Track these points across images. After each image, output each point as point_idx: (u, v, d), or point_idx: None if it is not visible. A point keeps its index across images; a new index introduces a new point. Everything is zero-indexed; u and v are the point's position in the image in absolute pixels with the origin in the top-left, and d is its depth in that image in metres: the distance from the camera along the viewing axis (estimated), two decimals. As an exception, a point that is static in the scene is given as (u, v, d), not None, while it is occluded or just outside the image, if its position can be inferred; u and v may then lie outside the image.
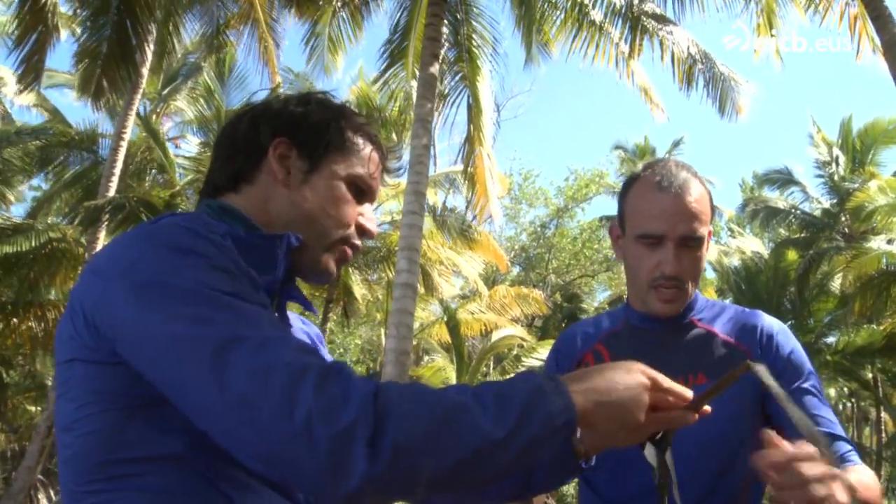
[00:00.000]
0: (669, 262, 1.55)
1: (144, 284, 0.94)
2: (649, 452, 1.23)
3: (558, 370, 1.75)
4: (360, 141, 1.27)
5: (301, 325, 1.37)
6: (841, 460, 1.49)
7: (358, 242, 1.27)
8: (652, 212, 1.57)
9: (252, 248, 1.12)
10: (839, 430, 1.52)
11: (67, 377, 1.00)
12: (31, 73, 9.85)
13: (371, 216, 1.30)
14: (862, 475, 1.42)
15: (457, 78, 10.88)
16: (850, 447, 1.51)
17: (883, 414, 24.04)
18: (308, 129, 1.24)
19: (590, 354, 1.72)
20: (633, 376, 1.04)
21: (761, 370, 1.08)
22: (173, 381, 0.91)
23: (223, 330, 0.89)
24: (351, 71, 18.28)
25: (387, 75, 11.24)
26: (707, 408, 1.13)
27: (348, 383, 0.86)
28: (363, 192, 1.27)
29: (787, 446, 1.00)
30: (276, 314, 1.19)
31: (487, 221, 11.93)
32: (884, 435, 23.98)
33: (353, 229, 1.25)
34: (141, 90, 13.19)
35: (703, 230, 1.57)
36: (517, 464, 0.91)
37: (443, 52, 10.40)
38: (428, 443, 0.84)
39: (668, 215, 1.55)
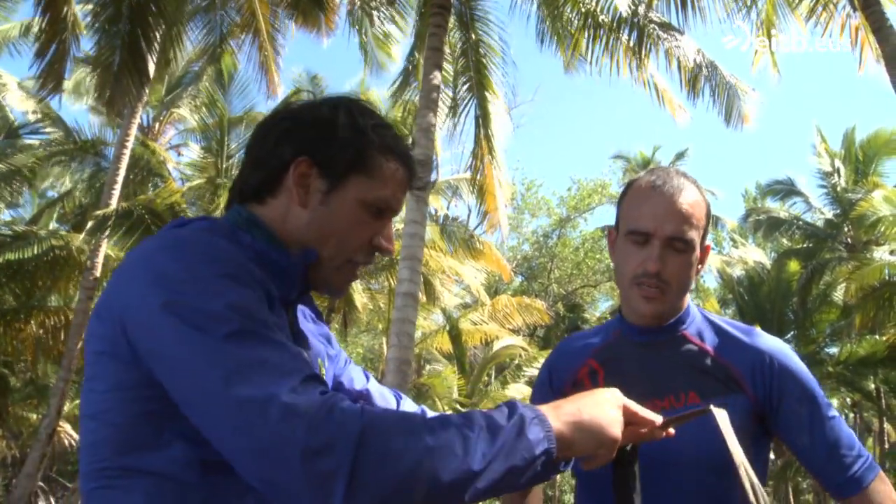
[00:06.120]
0: (653, 259, 1.55)
1: (173, 300, 1.00)
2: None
3: (551, 384, 1.76)
4: (385, 161, 1.25)
5: (313, 325, 1.43)
6: (851, 483, 1.50)
7: (369, 260, 1.28)
8: (643, 210, 1.58)
9: (271, 263, 1.17)
10: (849, 459, 1.52)
11: (96, 369, 1.08)
12: (52, 80, 9.95)
13: (389, 234, 1.29)
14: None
15: (465, 87, 10.85)
16: (861, 469, 1.51)
17: (886, 425, 23.98)
18: (331, 149, 1.22)
19: (584, 370, 1.71)
20: (611, 412, 1.11)
21: (721, 417, 1.21)
22: (187, 396, 0.98)
23: (237, 354, 0.96)
24: (352, 79, 18.24)
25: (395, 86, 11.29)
26: (671, 430, 1.25)
27: (338, 428, 0.91)
28: (383, 210, 1.26)
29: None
30: (289, 321, 1.23)
31: (495, 231, 11.87)
32: (886, 446, 23.89)
33: (364, 249, 1.27)
34: (144, 99, 13.21)
35: (693, 234, 1.55)
36: (495, 490, 0.98)
37: (449, 60, 10.38)
38: (404, 482, 0.91)
39: (658, 214, 1.56)
